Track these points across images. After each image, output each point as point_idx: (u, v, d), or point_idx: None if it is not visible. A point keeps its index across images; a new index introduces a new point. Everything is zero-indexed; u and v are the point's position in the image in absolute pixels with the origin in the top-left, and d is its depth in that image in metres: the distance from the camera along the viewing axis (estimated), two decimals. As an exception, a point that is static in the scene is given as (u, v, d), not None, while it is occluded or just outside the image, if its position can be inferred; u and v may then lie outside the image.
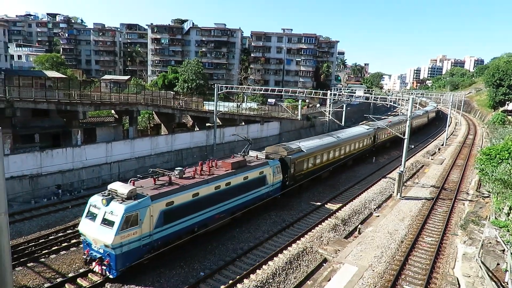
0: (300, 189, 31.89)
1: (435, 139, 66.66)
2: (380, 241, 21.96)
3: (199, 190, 19.95)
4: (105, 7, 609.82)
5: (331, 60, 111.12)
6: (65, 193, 29.86)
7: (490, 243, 19.17)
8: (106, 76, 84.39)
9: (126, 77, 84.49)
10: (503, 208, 22.97)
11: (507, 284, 15.52)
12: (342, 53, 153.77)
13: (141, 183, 19.08)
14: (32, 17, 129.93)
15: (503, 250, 18.18)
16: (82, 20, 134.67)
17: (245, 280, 17.49)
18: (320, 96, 53.18)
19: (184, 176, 20.74)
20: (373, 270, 18.44)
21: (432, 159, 47.71)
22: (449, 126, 65.63)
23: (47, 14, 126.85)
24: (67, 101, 35.24)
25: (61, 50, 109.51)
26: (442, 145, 58.63)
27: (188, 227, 19.90)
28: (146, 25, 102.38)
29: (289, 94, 60.09)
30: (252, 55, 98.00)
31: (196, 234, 20.56)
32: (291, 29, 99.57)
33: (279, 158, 27.87)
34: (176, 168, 21.43)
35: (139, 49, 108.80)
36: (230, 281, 17.36)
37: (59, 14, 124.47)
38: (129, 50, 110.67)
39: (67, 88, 38.62)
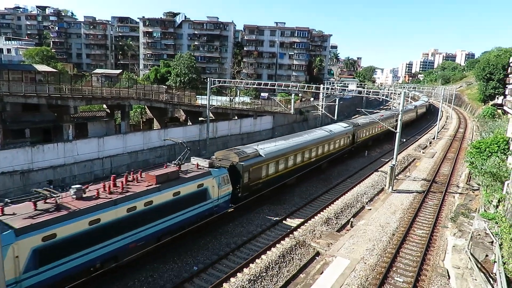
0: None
1: (426, 133, 67.27)
2: (372, 234, 22.21)
3: (100, 215, 15.45)
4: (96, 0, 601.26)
5: (324, 54, 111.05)
6: (56, 188, 29.52)
7: (479, 235, 19.51)
8: (98, 70, 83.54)
9: (118, 71, 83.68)
10: (492, 201, 23.36)
11: (496, 275, 15.84)
12: (335, 47, 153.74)
13: (15, 209, 14.38)
14: (21, 10, 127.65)
15: (492, 242, 18.53)
16: (72, 13, 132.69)
17: (239, 274, 17.62)
18: (313, 90, 53.33)
19: (83, 196, 16.09)
20: (365, 263, 18.68)
21: (423, 153, 48.20)
22: (440, 119, 66.21)
23: (37, 7, 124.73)
24: (58, 96, 34.87)
25: (51, 43, 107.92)
26: (434, 138, 59.22)
27: (83, 264, 15.24)
28: (138, 18, 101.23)
29: (282, 88, 60.12)
30: (245, 48, 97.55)
31: (101, 271, 16.25)
32: (284, 23, 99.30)
33: (229, 165, 23.88)
34: (72, 186, 16.48)
35: (130, 42, 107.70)
36: (224, 275, 17.47)
37: (49, 7, 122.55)
38: (120, 43, 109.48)
39: (57, 82, 38.19)
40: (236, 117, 52.30)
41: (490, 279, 16.20)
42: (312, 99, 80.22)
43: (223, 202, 22.86)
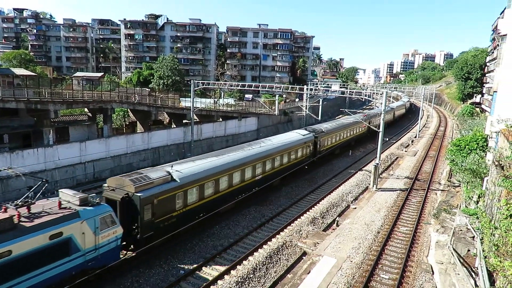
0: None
1: (408, 133, 68.50)
2: (358, 232, 22.46)
3: None
4: (75, 2, 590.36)
5: (307, 55, 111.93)
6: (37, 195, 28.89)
7: (461, 230, 19.94)
8: (78, 73, 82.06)
9: (99, 74, 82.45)
10: (472, 197, 23.91)
11: (477, 269, 16.22)
12: (318, 48, 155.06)
13: None
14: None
15: (473, 237, 18.96)
16: (51, 16, 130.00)
17: (226, 276, 17.53)
18: (296, 91, 53.61)
19: None
20: (351, 261, 18.86)
21: (406, 151, 49.06)
22: (421, 118, 67.57)
23: (14, 9, 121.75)
24: (37, 100, 34.05)
25: (30, 46, 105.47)
26: (415, 137, 60.37)
27: None
28: (119, 20, 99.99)
29: (266, 89, 60.22)
30: (228, 50, 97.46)
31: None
32: (267, 25, 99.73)
33: (121, 198, 17.40)
34: None
35: (112, 45, 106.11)
36: (211, 278, 17.35)
37: (27, 9, 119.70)
38: (101, 46, 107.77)
39: (36, 86, 37.30)
40: (220, 119, 52.14)
41: (473, 273, 16.58)
42: (297, 99, 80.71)
43: (107, 252, 16.16)
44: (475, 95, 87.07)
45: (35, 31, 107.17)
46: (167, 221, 19.63)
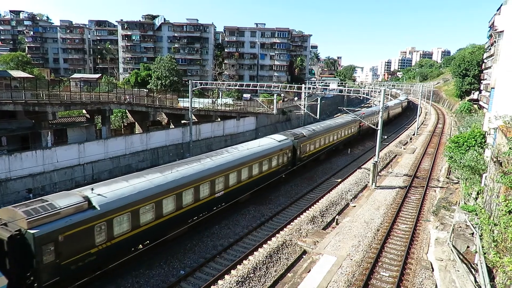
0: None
1: (403, 133, 68.55)
2: (357, 230, 22.48)
3: None
4: (72, 3, 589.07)
5: (305, 54, 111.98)
6: (36, 197, 28.83)
7: (460, 227, 19.98)
8: (76, 75, 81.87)
9: (97, 75, 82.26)
10: (471, 193, 23.97)
11: (477, 265, 16.27)
12: (315, 47, 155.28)
13: None
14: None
15: (472, 233, 19.01)
16: (48, 17, 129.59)
17: (226, 276, 17.54)
18: (295, 90, 53.57)
19: None
20: (351, 259, 18.88)
21: (404, 149, 49.11)
22: (419, 116, 67.65)
23: (10, 11, 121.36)
24: (35, 102, 34.00)
25: (27, 48, 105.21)
26: (414, 134, 60.45)
27: None
28: (116, 21, 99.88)
29: (264, 88, 60.18)
30: (226, 50, 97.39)
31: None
32: (264, 24, 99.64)
33: (10, 236, 13.35)
34: None
35: (109, 46, 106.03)
36: (212, 278, 17.36)
37: (23, 11, 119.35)
38: (99, 47, 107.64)
39: (34, 88, 37.25)
40: (219, 119, 52.13)
41: (472, 270, 16.63)
42: (295, 98, 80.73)
43: None
44: (472, 91, 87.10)
45: (32, 33, 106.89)
46: (82, 260, 15.36)
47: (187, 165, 22.07)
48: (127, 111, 50.31)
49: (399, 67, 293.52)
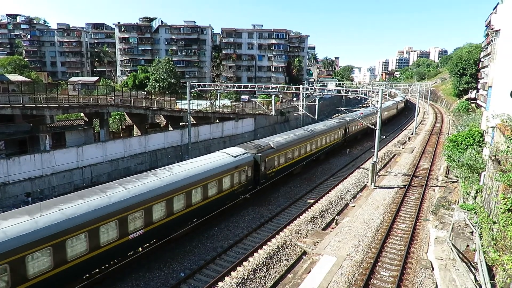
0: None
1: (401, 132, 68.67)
2: (357, 230, 22.48)
3: None
4: (69, 7, 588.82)
5: (302, 55, 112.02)
6: (35, 201, 28.72)
7: (460, 226, 20.00)
8: (74, 78, 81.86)
9: (95, 78, 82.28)
10: (470, 192, 24.00)
11: (477, 264, 16.28)
12: (313, 48, 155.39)
13: None
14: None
15: (472, 232, 19.03)
16: (45, 21, 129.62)
17: (227, 278, 17.51)
18: (293, 91, 53.62)
19: None
20: (351, 259, 18.88)
21: (403, 148, 49.18)
22: (417, 115, 67.79)
23: (7, 15, 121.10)
24: (33, 105, 33.97)
25: (24, 52, 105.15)
26: (412, 134, 60.55)
27: None
28: (113, 24, 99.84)
29: (262, 90, 60.24)
30: (223, 52, 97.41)
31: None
32: (262, 25, 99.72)
33: None
34: None
35: (107, 49, 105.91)
36: (212, 280, 17.33)
37: (20, 15, 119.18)
38: (96, 50, 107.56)
39: (32, 92, 37.25)
40: (217, 121, 52.13)
41: (472, 268, 16.64)
42: (295, 99, 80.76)
43: None
44: (470, 90, 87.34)
45: (29, 36, 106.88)
46: None
47: (72, 204, 15.43)
48: (125, 113, 50.28)
49: (397, 67, 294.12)
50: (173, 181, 19.90)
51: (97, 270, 16.50)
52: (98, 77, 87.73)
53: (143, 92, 64.73)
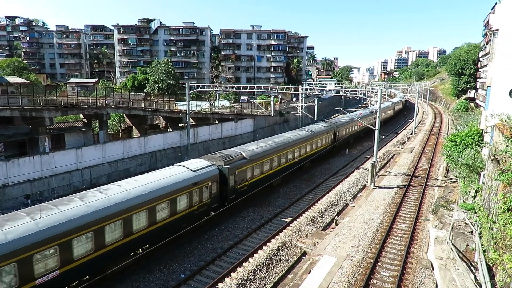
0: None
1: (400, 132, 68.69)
2: (357, 230, 22.48)
3: None
4: (67, 9, 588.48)
5: (301, 55, 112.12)
6: (34, 203, 28.68)
7: (460, 225, 20.02)
8: (73, 80, 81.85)
9: (94, 80, 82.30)
10: (469, 192, 24.02)
11: (477, 263, 16.29)
12: (312, 48, 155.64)
13: None
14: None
15: (472, 231, 19.05)
16: (44, 23, 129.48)
17: (226, 279, 17.49)
18: (292, 92, 53.59)
19: None
20: (351, 260, 18.88)
21: (402, 148, 49.21)
22: (416, 115, 67.84)
23: (6, 17, 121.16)
24: (32, 107, 33.90)
25: (23, 54, 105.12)
26: (411, 134, 60.59)
27: None
28: (112, 25, 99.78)
29: (261, 90, 60.33)
30: (222, 53, 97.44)
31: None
32: (260, 26, 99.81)
33: None
34: None
35: (105, 50, 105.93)
36: (212, 281, 17.31)
37: (19, 17, 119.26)
38: (95, 52, 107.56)
39: (31, 94, 37.17)
40: (216, 122, 52.11)
41: (472, 268, 16.65)
42: (294, 99, 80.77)
43: None
44: (469, 90, 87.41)
45: (28, 38, 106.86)
46: None
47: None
48: (124, 115, 50.22)
49: (396, 67, 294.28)
50: (105, 206, 16.11)
51: None
52: (97, 79, 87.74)
53: (142, 94, 64.71)
